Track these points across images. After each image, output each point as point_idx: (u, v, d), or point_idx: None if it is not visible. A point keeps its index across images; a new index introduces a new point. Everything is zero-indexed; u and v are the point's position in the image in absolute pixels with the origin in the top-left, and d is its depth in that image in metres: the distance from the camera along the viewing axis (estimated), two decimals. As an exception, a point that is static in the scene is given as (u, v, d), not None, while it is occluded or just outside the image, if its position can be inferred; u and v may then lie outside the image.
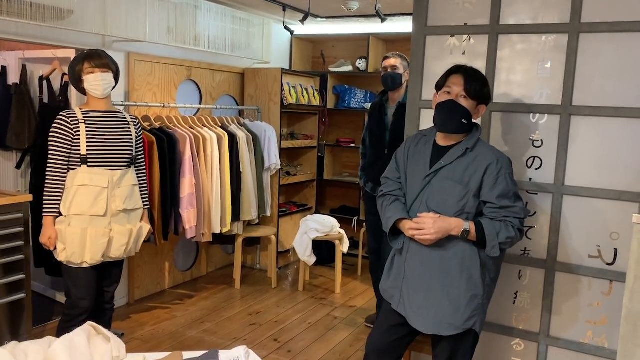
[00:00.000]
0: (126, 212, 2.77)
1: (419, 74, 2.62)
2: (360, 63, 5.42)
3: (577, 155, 2.33)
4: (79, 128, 2.65)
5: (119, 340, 1.71)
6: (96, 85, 2.67)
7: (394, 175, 2.29)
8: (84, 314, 2.71)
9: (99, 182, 2.66)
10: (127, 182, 2.77)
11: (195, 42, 4.34)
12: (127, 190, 2.76)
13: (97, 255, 2.67)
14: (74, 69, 2.71)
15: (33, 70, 3.95)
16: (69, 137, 2.64)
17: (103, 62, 2.69)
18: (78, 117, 2.67)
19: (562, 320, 2.42)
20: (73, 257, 2.64)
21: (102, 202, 2.67)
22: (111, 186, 2.69)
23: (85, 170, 2.65)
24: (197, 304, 4.15)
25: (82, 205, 2.64)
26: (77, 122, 2.66)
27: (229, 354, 1.78)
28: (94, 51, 2.75)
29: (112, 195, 2.70)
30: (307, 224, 4.43)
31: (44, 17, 3.22)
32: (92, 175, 2.65)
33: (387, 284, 2.27)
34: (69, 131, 2.64)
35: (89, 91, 2.70)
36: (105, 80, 2.68)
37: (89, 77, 2.66)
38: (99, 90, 2.68)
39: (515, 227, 2.04)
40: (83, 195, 2.64)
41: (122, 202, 2.73)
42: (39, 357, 1.56)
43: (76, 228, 2.63)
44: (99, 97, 2.71)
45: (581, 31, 2.29)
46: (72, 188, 2.64)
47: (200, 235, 3.98)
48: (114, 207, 2.71)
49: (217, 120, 4.35)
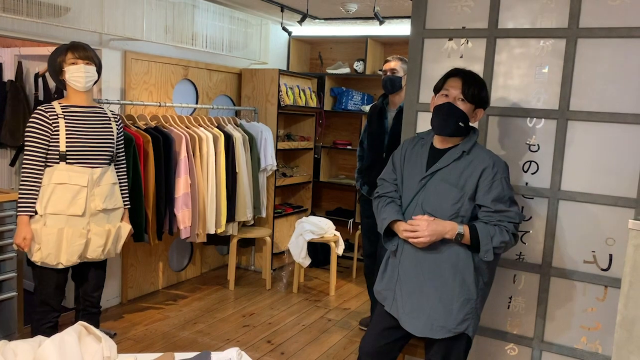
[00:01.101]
0: (106, 211, 2.68)
1: (416, 77, 2.61)
2: (358, 65, 5.42)
3: (574, 160, 2.33)
4: (58, 123, 2.54)
5: (110, 340, 1.70)
6: (78, 76, 2.57)
7: (390, 177, 2.29)
8: (55, 311, 2.65)
9: (78, 180, 2.55)
10: (107, 180, 2.67)
11: (192, 41, 4.33)
12: (107, 189, 2.66)
13: (73, 256, 2.58)
14: (55, 59, 2.60)
15: (29, 67, 3.93)
16: (47, 132, 2.53)
17: (87, 55, 2.60)
18: (57, 112, 2.56)
19: (556, 326, 2.42)
20: (48, 259, 2.54)
21: (80, 202, 2.57)
22: (90, 185, 2.59)
23: (64, 167, 2.54)
24: (190, 305, 4.13)
25: (59, 204, 2.53)
26: (56, 117, 2.55)
27: (222, 356, 1.77)
28: (78, 43, 2.65)
29: (92, 194, 2.60)
30: (303, 226, 4.42)
31: (40, 13, 3.20)
32: (70, 173, 2.55)
33: (381, 285, 2.27)
34: (47, 126, 2.53)
35: (70, 83, 2.59)
36: (88, 72, 2.58)
37: (70, 67, 2.56)
38: (81, 82, 2.58)
39: (509, 232, 2.04)
40: (60, 194, 2.53)
41: (102, 201, 2.64)
42: (28, 356, 1.55)
43: (52, 228, 2.53)
44: (80, 89, 2.60)
45: (579, 36, 2.29)
46: (49, 186, 2.53)
47: (194, 236, 3.96)
48: (93, 207, 2.61)
49: (214, 120, 4.34)
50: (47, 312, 2.64)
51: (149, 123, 3.86)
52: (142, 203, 3.53)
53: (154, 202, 3.66)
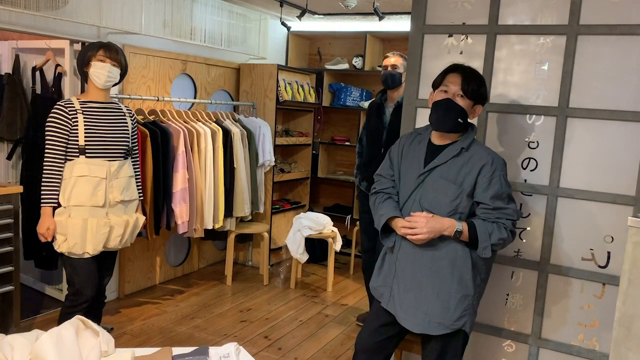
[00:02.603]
0: (123, 203, 2.79)
1: (416, 73, 2.60)
2: (357, 61, 5.41)
3: (573, 158, 2.33)
4: (77, 118, 2.64)
5: (107, 334, 1.70)
6: (101, 74, 2.67)
7: (388, 173, 2.28)
8: (87, 302, 2.71)
9: (98, 172, 2.66)
10: (124, 173, 2.78)
11: (191, 35, 4.31)
12: (124, 182, 2.77)
13: (99, 245, 2.69)
14: (86, 52, 2.70)
15: (26, 60, 3.90)
16: (66, 127, 2.63)
17: (117, 57, 2.72)
18: (76, 108, 2.66)
19: (553, 322, 2.42)
20: (75, 248, 2.64)
21: (100, 193, 2.68)
22: (109, 177, 2.70)
23: (84, 161, 2.65)
24: (187, 300, 4.12)
25: (82, 196, 2.64)
26: (75, 112, 2.65)
27: (219, 351, 1.77)
28: (112, 45, 2.77)
29: (110, 186, 2.71)
30: (300, 222, 4.42)
31: (38, 6, 3.18)
32: (90, 166, 2.65)
33: (378, 282, 2.26)
34: (67, 121, 2.63)
35: (91, 77, 2.69)
36: (111, 73, 2.69)
37: (97, 64, 2.66)
38: (101, 79, 2.68)
39: (507, 229, 2.04)
40: (82, 186, 2.64)
41: (120, 193, 2.75)
42: (25, 350, 1.54)
43: (77, 219, 2.63)
44: (100, 86, 2.70)
45: (579, 33, 2.28)
46: (71, 179, 2.64)
47: (192, 231, 3.96)
48: (112, 198, 2.72)
49: (212, 115, 4.33)
50: (80, 299, 2.70)
51: (147, 117, 3.84)
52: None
53: (151, 196, 3.65)
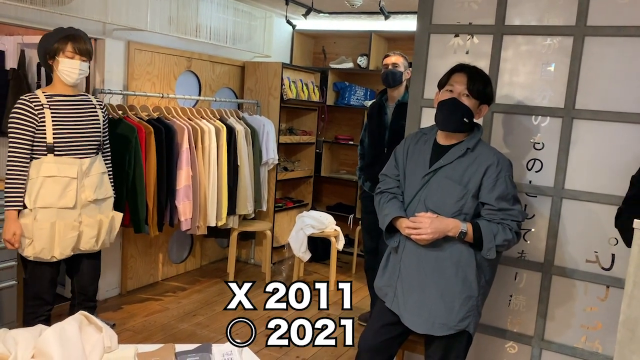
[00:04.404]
0: (97, 202, 2.62)
1: (421, 72, 2.60)
2: (362, 60, 5.40)
3: (578, 159, 2.32)
4: (43, 114, 2.45)
5: (111, 330, 1.70)
6: (72, 72, 2.49)
7: (393, 173, 2.28)
8: (49, 305, 2.59)
9: (68, 172, 2.48)
10: (96, 170, 2.60)
11: (196, 33, 4.31)
12: (96, 179, 2.59)
13: (67, 249, 2.53)
14: (52, 43, 2.48)
15: (32, 55, 3.90)
16: (32, 123, 2.43)
17: (86, 50, 2.51)
18: (42, 102, 2.46)
19: (556, 324, 2.41)
20: (42, 253, 2.47)
21: (71, 193, 2.50)
22: (80, 176, 2.52)
23: (52, 159, 2.46)
24: (190, 297, 4.13)
25: (49, 198, 2.46)
26: (41, 107, 2.45)
27: (222, 348, 1.77)
28: (77, 33, 2.53)
29: (82, 185, 2.54)
30: (303, 220, 4.42)
31: (44, 2, 3.18)
32: (59, 165, 2.47)
33: (382, 281, 2.26)
34: (33, 117, 2.43)
35: (60, 75, 2.50)
36: (82, 70, 2.51)
37: (65, 60, 2.47)
38: (73, 78, 2.50)
39: (512, 230, 2.03)
40: (50, 187, 2.45)
41: (93, 191, 2.57)
42: (29, 344, 1.54)
43: (44, 222, 2.45)
44: (70, 84, 2.53)
45: (586, 34, 2.27)
46: (38, 179, 2.44)
47: (195, 228, 3.96)
48: (84, 198, 2.55)
49: (216, 113, 4.33)
50: (40, 305, 2.58)
51: (152, 114, 3.84)
52: (144, 194, 3.52)
53: (155, 193, 3.65)
